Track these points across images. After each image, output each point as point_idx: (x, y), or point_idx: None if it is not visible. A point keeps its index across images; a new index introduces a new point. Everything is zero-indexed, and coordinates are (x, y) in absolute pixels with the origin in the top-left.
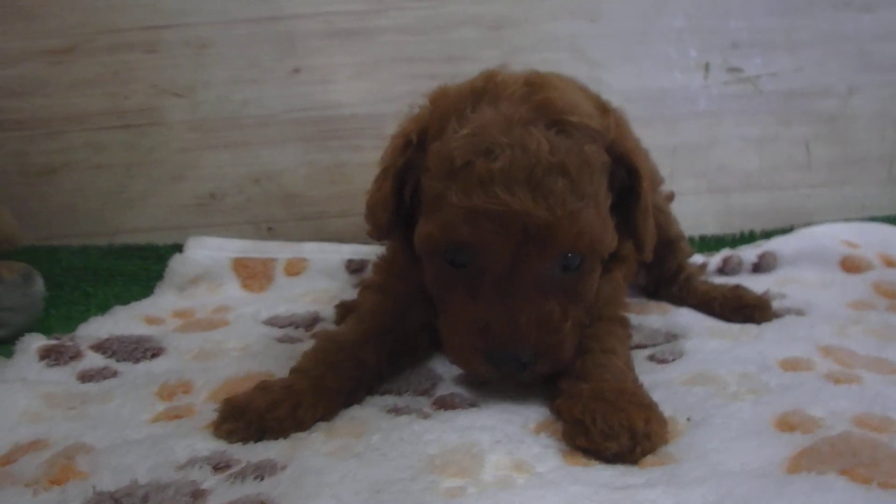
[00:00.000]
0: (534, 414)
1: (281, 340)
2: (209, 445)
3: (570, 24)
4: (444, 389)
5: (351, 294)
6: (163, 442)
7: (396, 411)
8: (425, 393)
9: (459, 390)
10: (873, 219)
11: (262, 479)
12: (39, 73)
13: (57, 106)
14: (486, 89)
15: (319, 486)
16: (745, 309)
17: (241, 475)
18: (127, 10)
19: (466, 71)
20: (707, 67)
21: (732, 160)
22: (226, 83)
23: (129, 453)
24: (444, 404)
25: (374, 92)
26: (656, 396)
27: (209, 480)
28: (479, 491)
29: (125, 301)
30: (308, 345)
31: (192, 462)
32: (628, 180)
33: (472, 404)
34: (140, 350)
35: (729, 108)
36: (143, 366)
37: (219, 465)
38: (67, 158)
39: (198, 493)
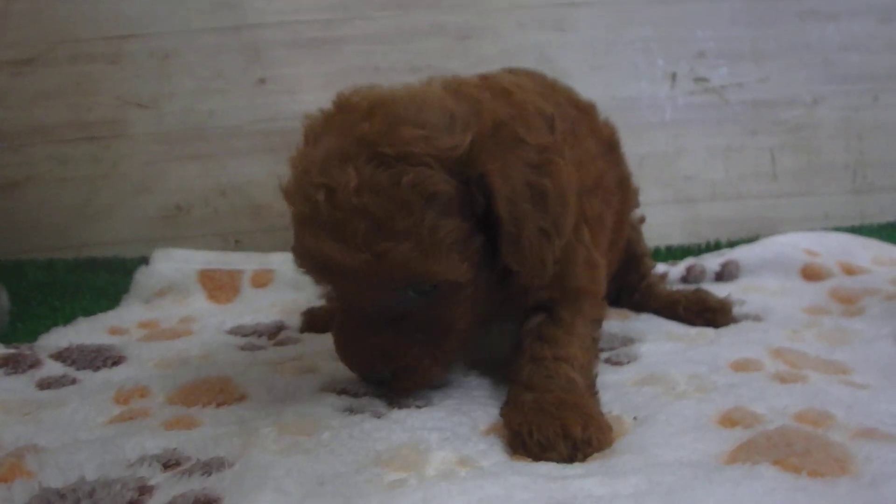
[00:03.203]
0: (486, 416)
1: (243, 348)
2: (160, 444)
3: (538, 34)
4: None
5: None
6: (113, 441)
7: (351, 411)
8: (383, 395)
9: (418, 392)
10: (837, 228)
11: (209, 475)
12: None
13: (18, 118)
14: (334, 114)
15: (264, 480)
16: (707, 312)
17: (189, 472)
18: (88, 20)
19: None
20: (674, 77)
21: (699, 170)
22: (191, 94)
23: (79, 452)
24: (400, 404)
25: None
26: (606, 397)
27: (157, 477)
28: (421, 482)
29: (92, 315)
30: (271, 352)
31: (141, 460)
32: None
33: (428, 403)
34: (100, 358)
35: (695, 118)
36: (103, 374)
37: (168, 463)
38: (31, 172)
39: (144, 489)
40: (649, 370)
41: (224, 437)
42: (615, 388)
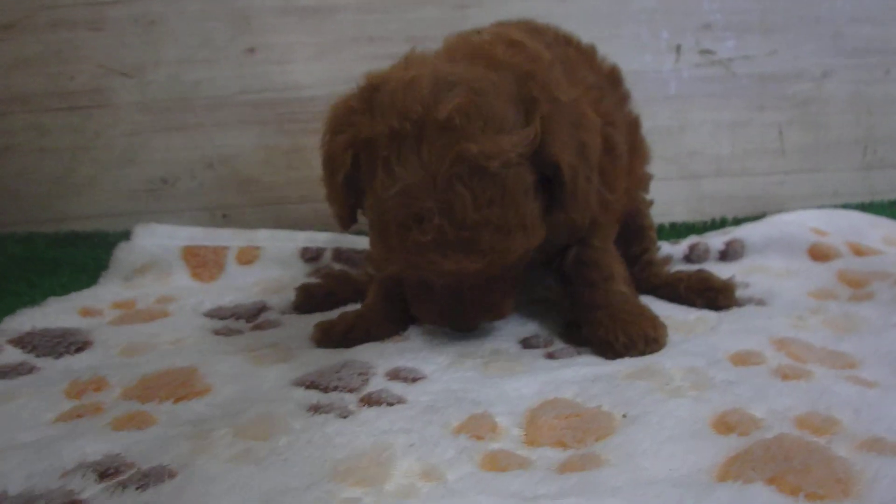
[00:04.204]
0: (459, 413)
1: (218, 333)
2: (103, 447)
3: (539, 4)
4: (374, 385)
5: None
6: (52, 445)
7: (316, 409)
8: (354, 390)
9: (391, 385)
10: (846, 205)
11: (145, 489)
12: None
13: None
14: (411, 124)
15: (204, 497)
16: (709, 291)
17: (125, 484)
18: None
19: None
20: (678, 50)
21: (704, 145)
22: (177, 62)
23: (11, 459)
24: (371, 401)
25: (334, 73)
26: (596, 389)
27: (89, 489)
28: (376, 501)
29: (74, 291)
30: (247, 337)
31: (78, 468)
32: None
33: (400, 401)
34: (63, 344)
35: (701, 92)
36: (64, 361)
37: (107, 472)
38: (9, 141)
39: None
40: (644, 362)
41: (174, 441)
42: (606, 380)
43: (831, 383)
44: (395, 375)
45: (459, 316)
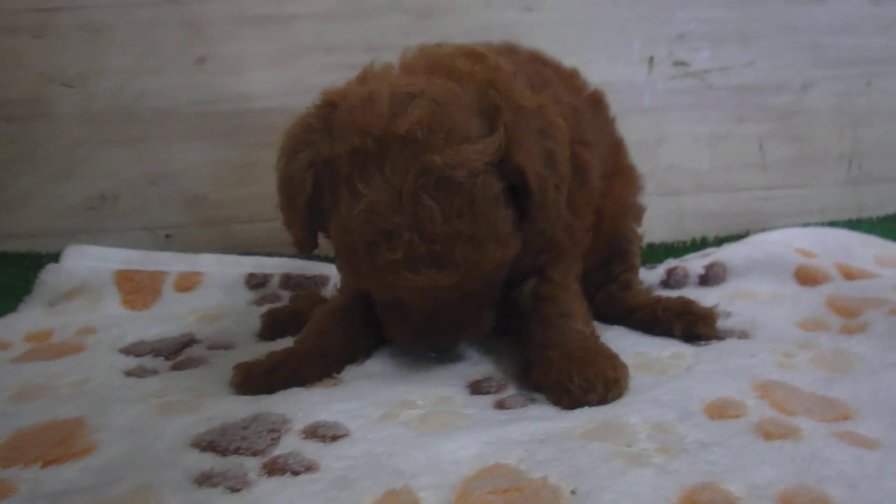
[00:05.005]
0: (374, 486)
1: (130, 374)
2: None
3: (505, 13)
4: (285, 446)
5: (247, 312)
6: None
7: (205, 480)
8: (259, 452)
9: (304, 446)
10: (834, 223)
11: None
12: None
13: None
14: (374, 141)
15: None
16: (689, 315)
17: None
18: None
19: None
20: (651, 61)
21: (682, 159)
22: (123, 72)
23: None
24: (275, 468)
25: (289, 83)
26: (544, 454)
27: None
28: None
29: None
30: (160, 379)
31: None
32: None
33: (310, 468)
34: None
35: (676, 104)
36: None
37: None
38: None
39: None
40: (605, 414)
41: None
42: (558, 440)
43: (822, 445)
44: (312, 433)
45: (436, 335)
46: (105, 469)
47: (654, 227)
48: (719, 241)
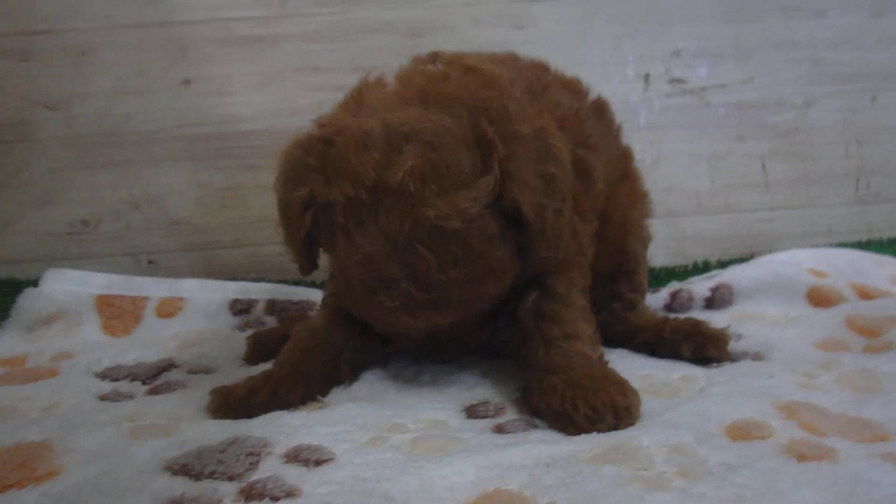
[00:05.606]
0: None
1: (104, 398)
2: None
3: (495, 32)
4: (264, 470)
5: (231, 336)
6: None
7: None
8: (235, 477)
9: (285, 471)
10: (842, 244)
11: None
12: None
13: None
14: (365, 193)
15: None
16: (699, 337)
17: None
18: None
19: None
20: (647, 79)
21: (681, 180)
22: (107, 94)
23: None
24: (252, 494)
25: (276, 105)
26: (550, 479)
27: None
28: None
29: None
30: (134, 404)
31: None
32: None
33: (291, 493)
34: None
35: (673, 122)
36: None
37: None
38: None
39: None
40: (614, 438)
41: None
42: (565, 464)
43: (866, 467)
44: (294, 456)
45: (439, 351)
46: (66, 494)
47: (652, 250)
48: (723, 265)
